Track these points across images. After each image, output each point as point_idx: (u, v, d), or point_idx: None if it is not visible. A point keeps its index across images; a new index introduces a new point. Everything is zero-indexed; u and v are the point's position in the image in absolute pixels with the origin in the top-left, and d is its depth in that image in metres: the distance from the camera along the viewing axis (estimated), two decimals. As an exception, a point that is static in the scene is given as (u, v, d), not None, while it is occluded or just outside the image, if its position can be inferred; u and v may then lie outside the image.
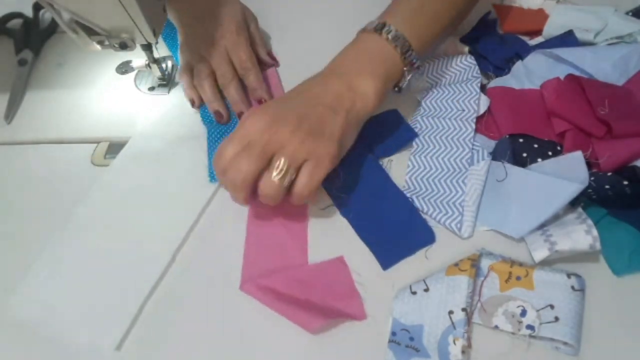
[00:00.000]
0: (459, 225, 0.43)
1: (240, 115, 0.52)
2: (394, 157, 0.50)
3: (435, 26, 0.48)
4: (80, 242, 0.46)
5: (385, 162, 0.49)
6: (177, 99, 0.57)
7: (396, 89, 0.49)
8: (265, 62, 0.58)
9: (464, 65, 0.53)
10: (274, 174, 0.40)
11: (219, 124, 0.53)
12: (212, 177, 0.49)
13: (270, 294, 0.40)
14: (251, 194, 0.42)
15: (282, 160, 0.40)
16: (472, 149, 0.47)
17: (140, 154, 0.52)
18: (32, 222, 0.48)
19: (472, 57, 0.54)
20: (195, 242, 0.46)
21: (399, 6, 0.48)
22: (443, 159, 0.48)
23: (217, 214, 0.47)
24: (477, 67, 0.53)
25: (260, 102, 0.54)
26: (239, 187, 0.41)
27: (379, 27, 0.46)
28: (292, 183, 0.41)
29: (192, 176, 0.49)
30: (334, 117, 0.42)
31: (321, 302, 0.40)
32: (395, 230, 0.44)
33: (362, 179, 0.47)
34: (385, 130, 0.50)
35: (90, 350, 0.40)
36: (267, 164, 0.41)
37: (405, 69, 0.47)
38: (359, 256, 0.43)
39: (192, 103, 0.55)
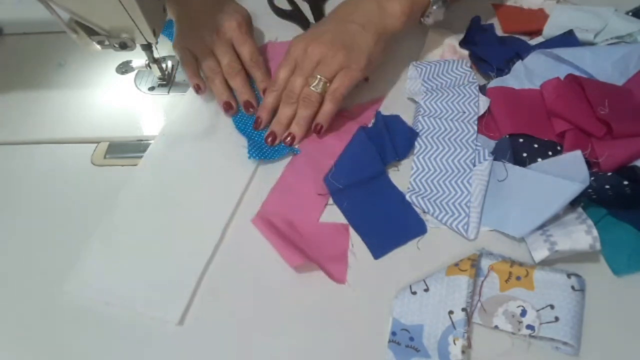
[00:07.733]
0: (465, 227, 0.43)
1: (245, 103, 0.54)
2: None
3: None
4: (129, 223, 0.47)
5: (391, 170, 0.49)
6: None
7: (422, 19, 0.54)
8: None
9: (460, 72, 0.54)
10: (312, 84, 0.50)
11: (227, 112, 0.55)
12: (250, 154, 0.50)
13: (272, 230, 0.44)
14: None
15: (318, 77, 0.50)
16: (475, 149, 0.47)
17: (179, 136, 0.53)
18: (32, 222, 0.48)
19: (468, 64, 0.54)
20: (242, 217, 0.47)
21: None
22: (447, 160, 0.47)
23: (259, 189, 0.48)
24: (472, 74, 0.53)
25: (264, 91, 0.55)
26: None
27: None
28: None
29: (234, 151, 0.51)
30: (364, 33, 0.50)
31: (311, 255, 0.43)
32: (387, 221, 0.45)
33: (357, 170, 0.47)
34: (390, 135, 0.49)
35: (153, 326, 0.40)
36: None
37: None
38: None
39: (198, 89, 0.55)
